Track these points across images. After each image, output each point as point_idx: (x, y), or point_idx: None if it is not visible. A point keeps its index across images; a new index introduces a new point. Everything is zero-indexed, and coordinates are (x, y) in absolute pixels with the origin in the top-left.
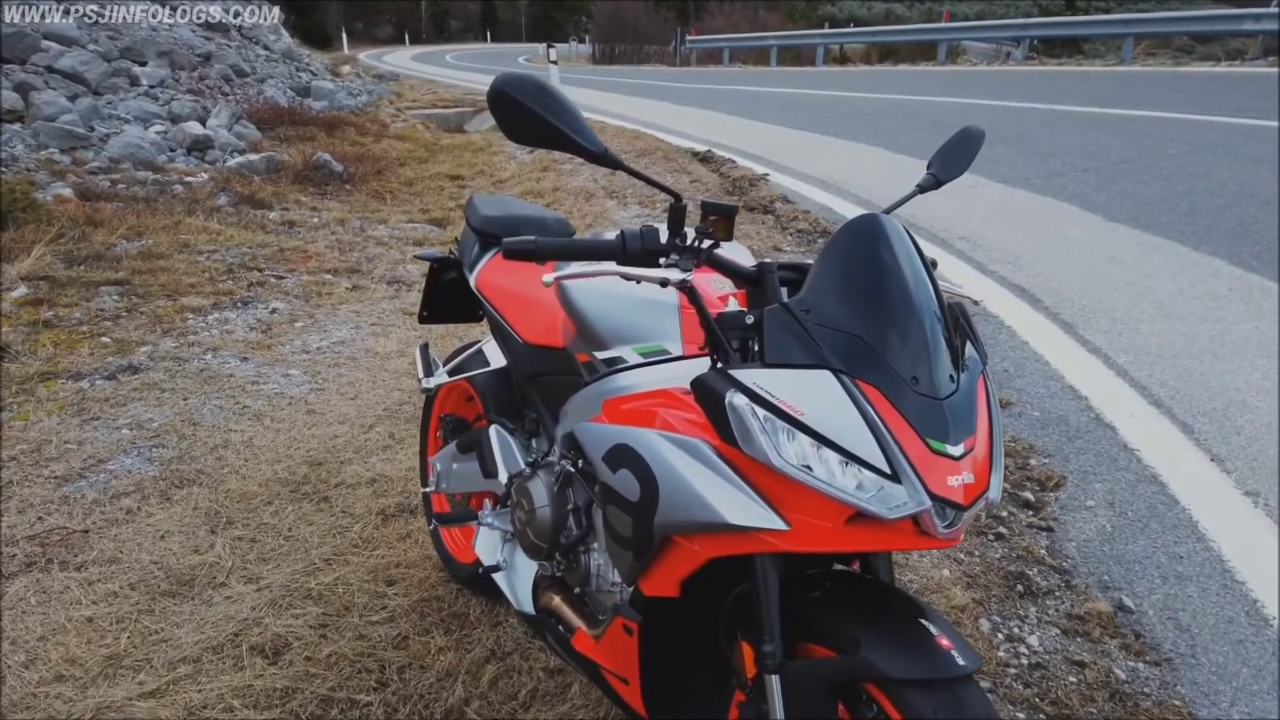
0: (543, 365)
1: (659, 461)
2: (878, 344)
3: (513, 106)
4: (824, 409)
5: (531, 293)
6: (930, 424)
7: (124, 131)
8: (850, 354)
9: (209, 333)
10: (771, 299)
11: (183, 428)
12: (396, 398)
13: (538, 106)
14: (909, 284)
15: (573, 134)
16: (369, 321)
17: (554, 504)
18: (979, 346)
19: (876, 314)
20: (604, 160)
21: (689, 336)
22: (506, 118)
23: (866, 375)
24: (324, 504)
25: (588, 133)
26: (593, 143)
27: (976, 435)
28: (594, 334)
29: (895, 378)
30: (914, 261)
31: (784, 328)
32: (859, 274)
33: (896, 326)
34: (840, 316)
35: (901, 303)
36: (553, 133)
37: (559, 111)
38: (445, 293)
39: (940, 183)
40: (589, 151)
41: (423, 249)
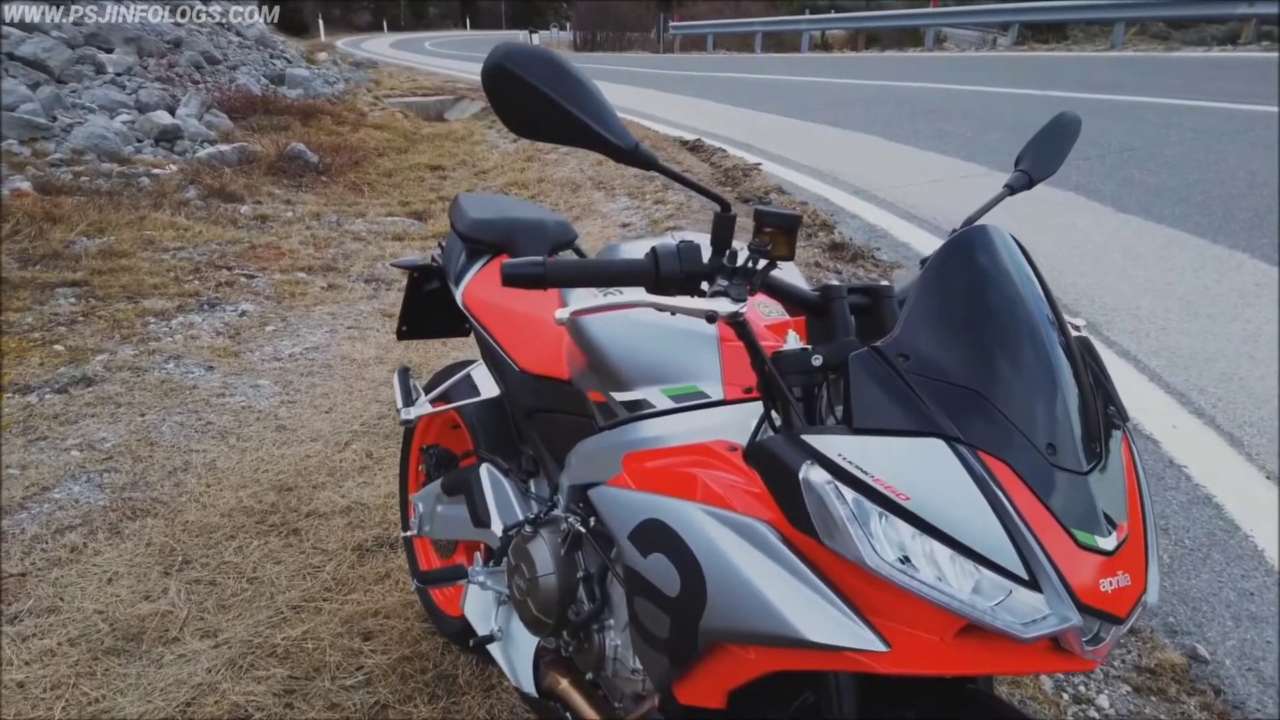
0: (543, 400)
1: (705, 548)
2: (1001, 401)
3: (515, 87)
4: (935, 490)
5: (529, 311)
6: (1075, 508)
7: (88, 121)
8: (966, 415)
9: (172, 339)
10: (838, 332)
11: (138, 448)
12: (375, 410)
13: (548, 87)
14: (1034, 318)
15: (595, 124)
16: (345, 324)
17: (560, 571)
18: (1116, 397)
19: (996, 360)
20: (634, 158)
21: (731, 376)
22: (507, 102)
23: (990, 444)
24: (293, 538)
25: (614, 123)
26: (620, 136)
27: (1128, 519)
28: (612, 372)
29: (1026, 446)
30: (1035, 287)
31: (875, 379)
32: (970, 306)
33: (1023, 376)
34: (949, 364)
35: (1028, 344)
36: (568, 122)
37: (577, 95)
38: (427, 304)
39: (1033, 181)
40: (615, 148)
41: (400, 257)
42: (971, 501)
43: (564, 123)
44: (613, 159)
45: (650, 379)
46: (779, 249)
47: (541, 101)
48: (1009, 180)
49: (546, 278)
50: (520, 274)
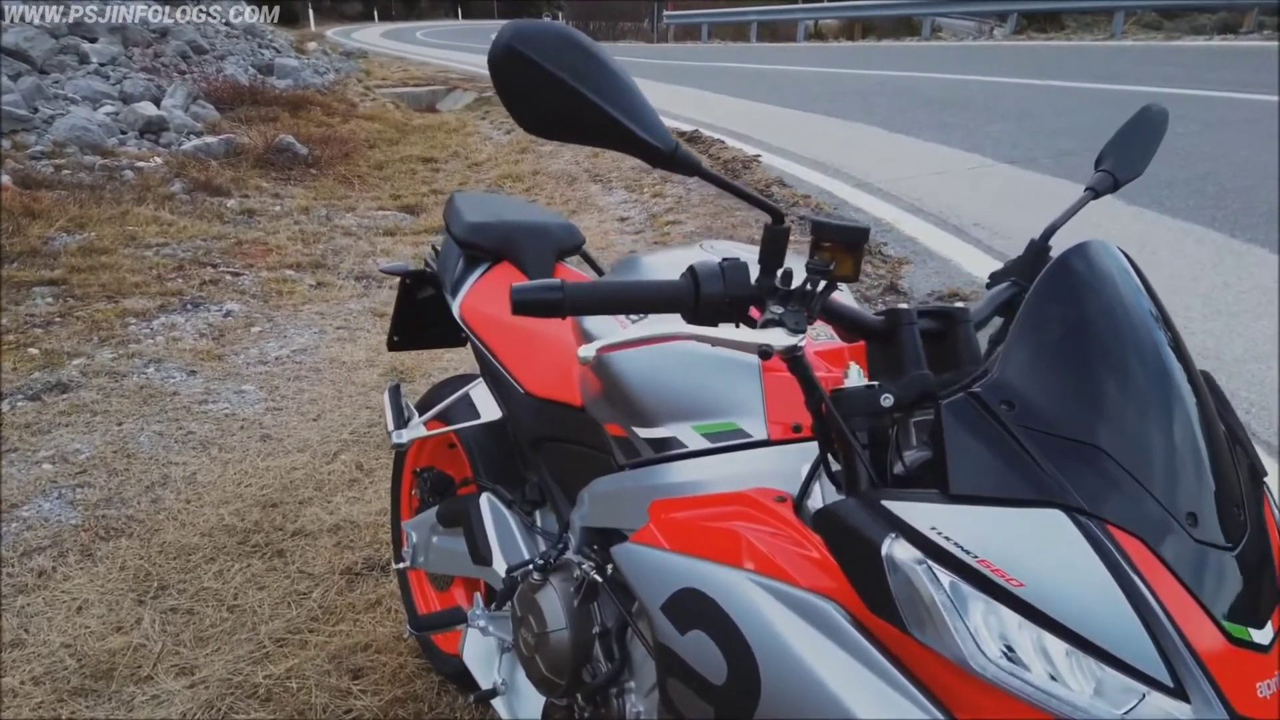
0: (552, 428)
1: (758, 629)
2: (1129, 460)
3: (529, 76)
4: (1054, 574)
5: (536, 327)
6: (1224, 593)
7: (70, 113)
8: (1087, 478)
9: (152, 340)
10: (907, 364)
11: (114, 460)
12: (365, 418)
13: (571, 76)
14: (1159, 354)
15: (628, 121)
16: (334, 325)
17: (573, 626)
18: (1250, 447)
19: (1119, 408)
20: (674, 162)
21: (776, 411)
22: (519, 94)
23: (1119, 515)
24: (278, 560)
25: (651, 121)
26: (659, 136)
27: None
28: (635, 404)
29: (1162, 517)
30: (1155, 316)
31: (975, 432)
32: (1084, 341)
33: (1153, 428)
34: (1062, 413)
35: (1155, 386)
36: (594, 119)
37: (606, 85)
38: (420, 312)
39: (1119, 183)
40: (652, 150)
41: (391, 260)
42: (1099, 587)
43: (589, 119)
44: (648, 163)
45: (680, 414)
46: (842, 268)
47: (562, 93)
48: (1091, 183)
49: (565, 304)
50: (534, 301)
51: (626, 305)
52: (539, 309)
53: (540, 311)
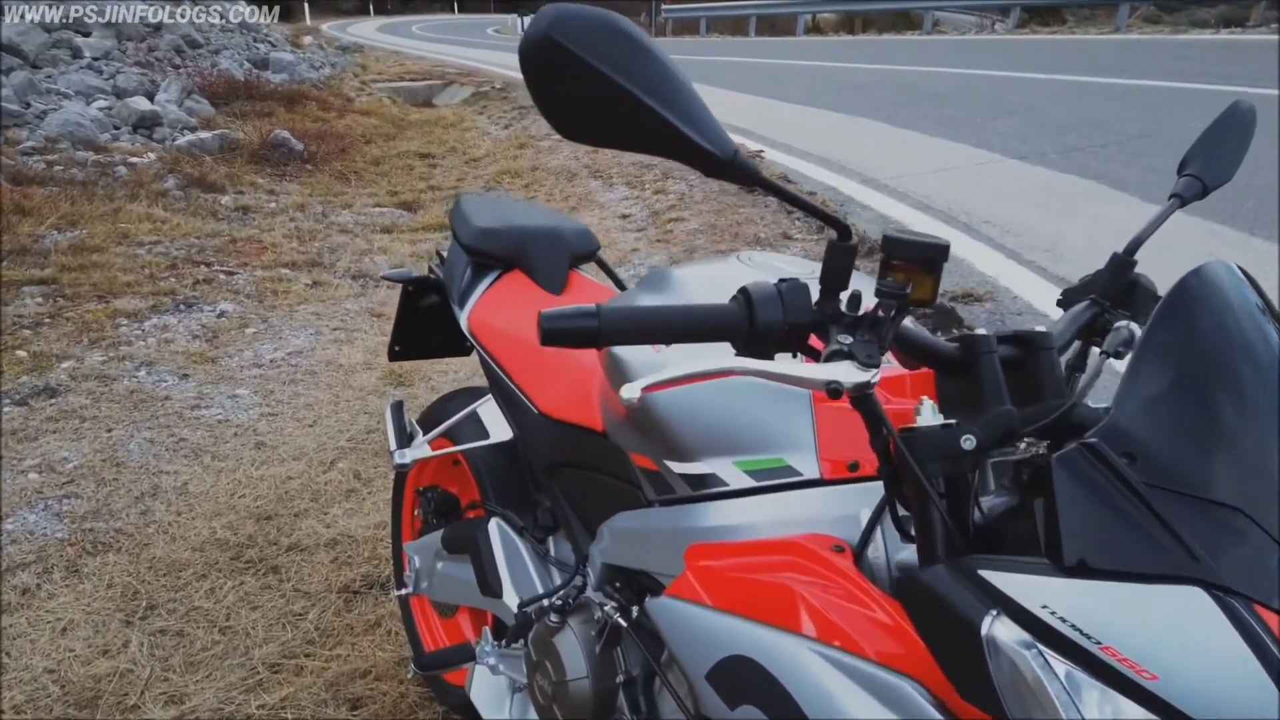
0: (569, 453)
1: (823, 710)
2: (1275, 525)
3: (569, 71)
4: (1193, 663)
5: None
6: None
7: (63, 108)
8: (1228, 548)
9: (144, 342)
10: (987, 398)
11: (103, 469)
12: (363, 423)
13: (618, 71)
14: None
15: (683, 125)
16: (331, 325)
17: (595, 675)
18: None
19: (1263, 462)
20: (731, 171)
21: (829, 445)
22: (555, 92)
23: (1269, 593)
24: (272, 577)
25: (709, 124)
26: (716, 141)
27: None
28: (668, 435)
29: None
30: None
31: (1092, 491)
32: (1215, 381)
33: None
34: (1194, 468)
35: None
36: (645, 122)
37: (658, 82)
38: (423, 320)
39: (1207, 189)
40: (709, 158)
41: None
42: (1248, 681)
43: (638, 121)
44: (703, 172)
45: (719, 447)
46: (919, 290)
47: (606, 91)
48: (1177, 188)
49: (603, 333)
50: (567, 330)
51: (670, 333)
52: (572, 338)
53: (574, 341)
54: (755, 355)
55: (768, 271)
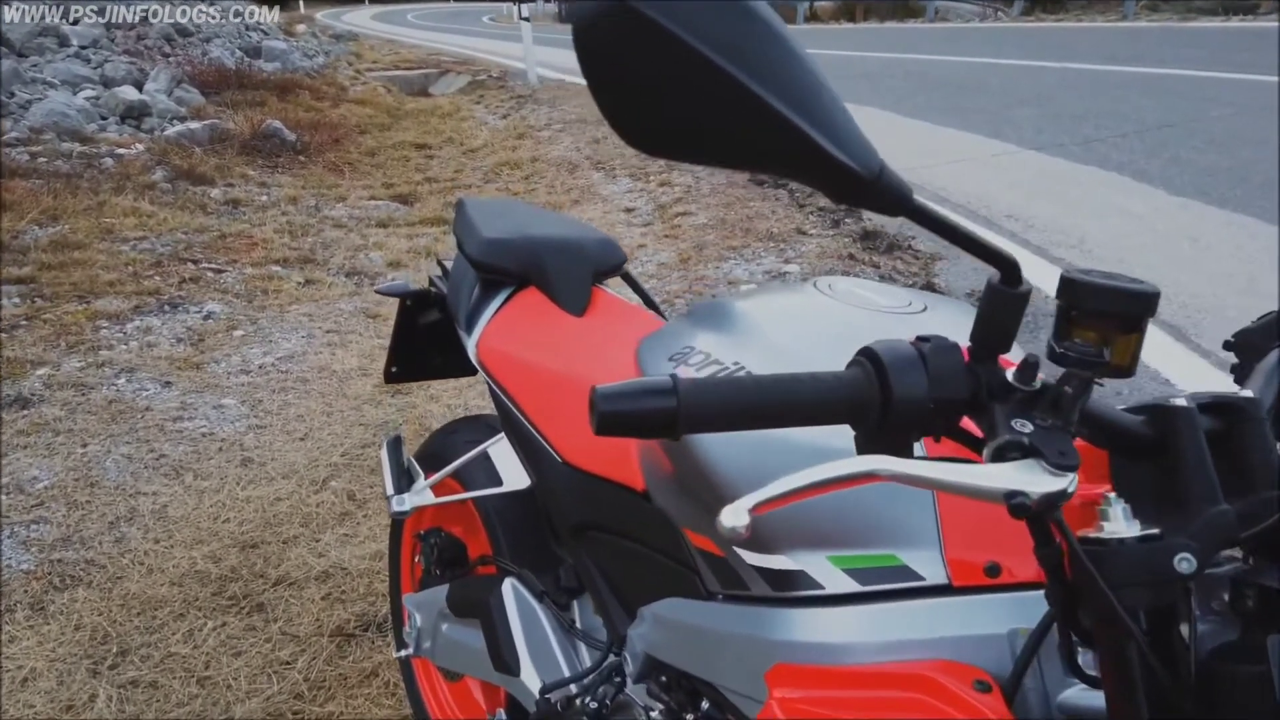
0: (600, 514)
1: None
2: None
3: (656, 56)
4: None
5: (578, 374)
6: None
7: (48, 97)
8: None
9: (125, 346)
10: (1192, 491)
11: (76, 491)
12: (357, 436)
13: (730, 58)
14: None
15: (816, 133)
16: (324, 327)
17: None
18: None
19: None
20: (873, 193)
21: (957, 542)
22: (631, 91)
23: None
24: (257, 617)
25: (850, 132)
26: (859, 155)
27: None
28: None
29: None
30: None
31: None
32: None
33: None
34: None
35: None
36: (765, 129)
37: (787, 76)
38: (423, 338)
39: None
40: (848, 176)
41: (385, 281)
42: None
43: (752, 129)
44: (833, 197)
45: (809, 537)
46: (1119, 355)
47: (709, 84)
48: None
49: (683, 419)
50: (634, 415)
51: (773, 414)
52: (641, 426)
53: (643, 429)
54: (887, 444)
55: (856, 303)
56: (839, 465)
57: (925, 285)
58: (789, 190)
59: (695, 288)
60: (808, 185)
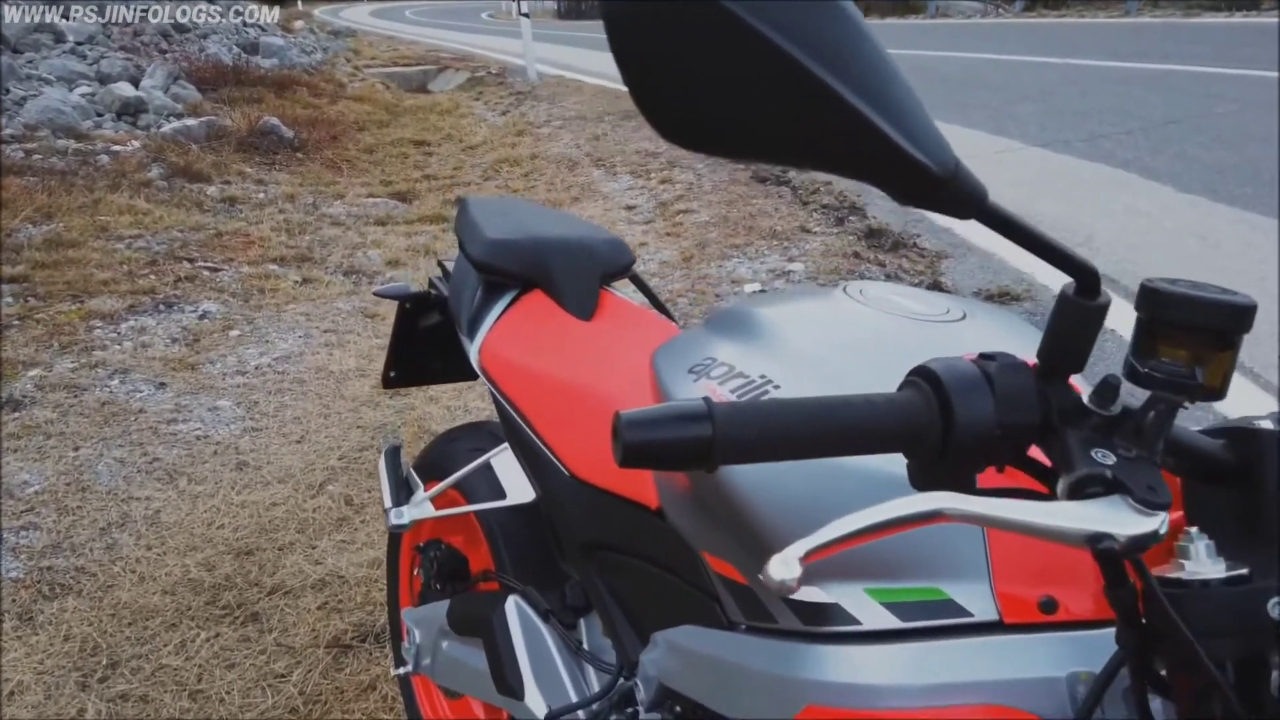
0: (611, 532)
1: None
2: None
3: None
4: None
5: (588, 383)
6: None
7: (44, 93)
8: None
9: (119, 347)
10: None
11: (67, 495)
12: (355, 439)
13: (793, 40)
14: None
15: (887, 126)
16: (321, 327)
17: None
18: None
19: None
20: (945, 194)
21: (1008, 575)
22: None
23: None
24: (252, 627)
25: (926, 127)
26: (934, 151)
27: None
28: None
29: None
30: None
31: None
32: None
33: None
34: None
35: None
36: (828, 121)
37: (858, 63)
38: (422, 341)
39: None
40: (920, 175)
41: (384, 283)
42: None
43: (814, 121)
44: (900, 198)
45: (845, 567)
46: (1211, 376)
47: (769, 71)
48: None
49: (719, 448)
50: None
51: (821, 442)
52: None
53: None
54: (946, 475)
55: (890, 310)
56: (901, 505)
57: (932, 284)
58: (792, 187)
59: (698, 286)
60: (871, 184)
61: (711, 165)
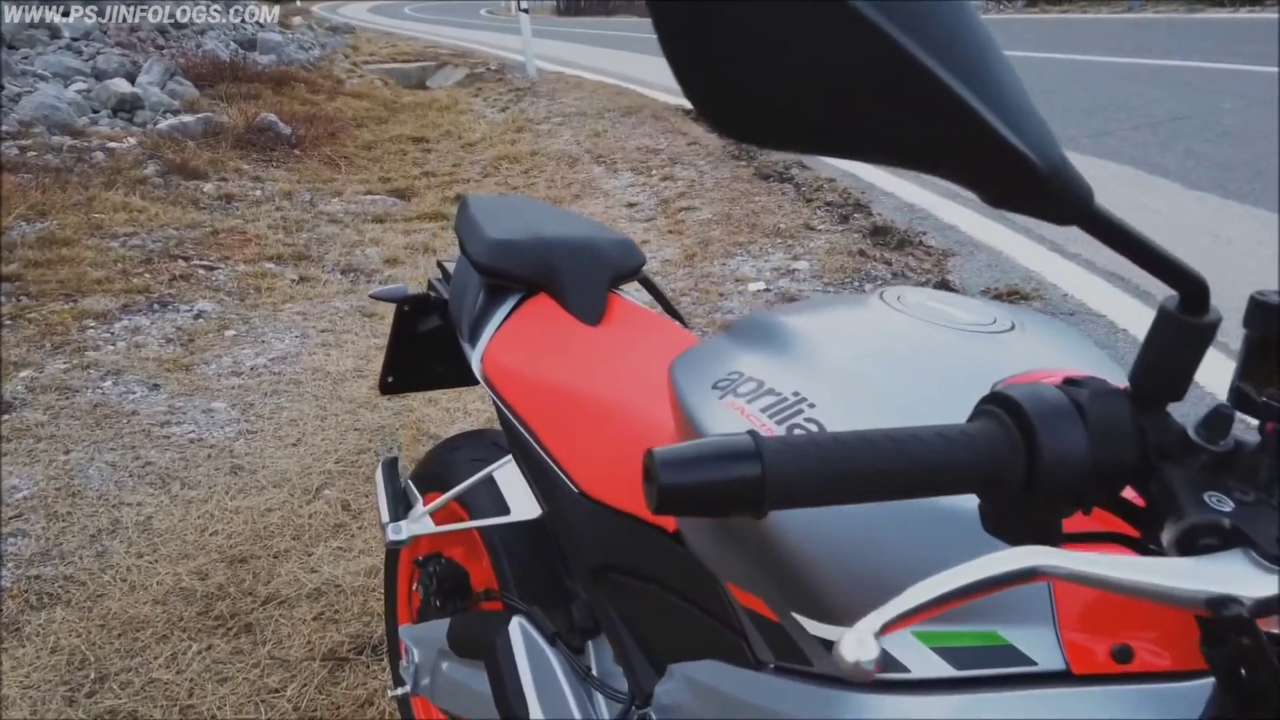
0: (623, 554)
1: None
2: None
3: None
4: None
5: (598, 393)
6: None
7: (39, 90)
8: None
9: (112, 347)
10: None
11: (56, 501)
12: (352, 442)
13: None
14: None
15: (997, 120)
16: (318, 327)
17: None
18: None
19: None
20: (1047, 192)
21: (1075, 619)
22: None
23: None
24: (245, 639)
25: (1031, 116)
26: (1037, 143)
27: None
28: (804, 579)
29: None
30: None
31: None
32: None
33: None
34: None
35: None
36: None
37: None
38: (421, 346)
39: None
40: (1021, 169)
41: (381, 285)
42: None
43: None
44: (996, 197)
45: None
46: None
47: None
48: None
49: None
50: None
51: (884, 484)
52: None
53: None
54: (1026, 519)
55: (932, 319)
56: (990, 563)
57: (940, 283)
58: (795, 184)
59: (701, 285)
60: (960, 181)
61: (713, 162)
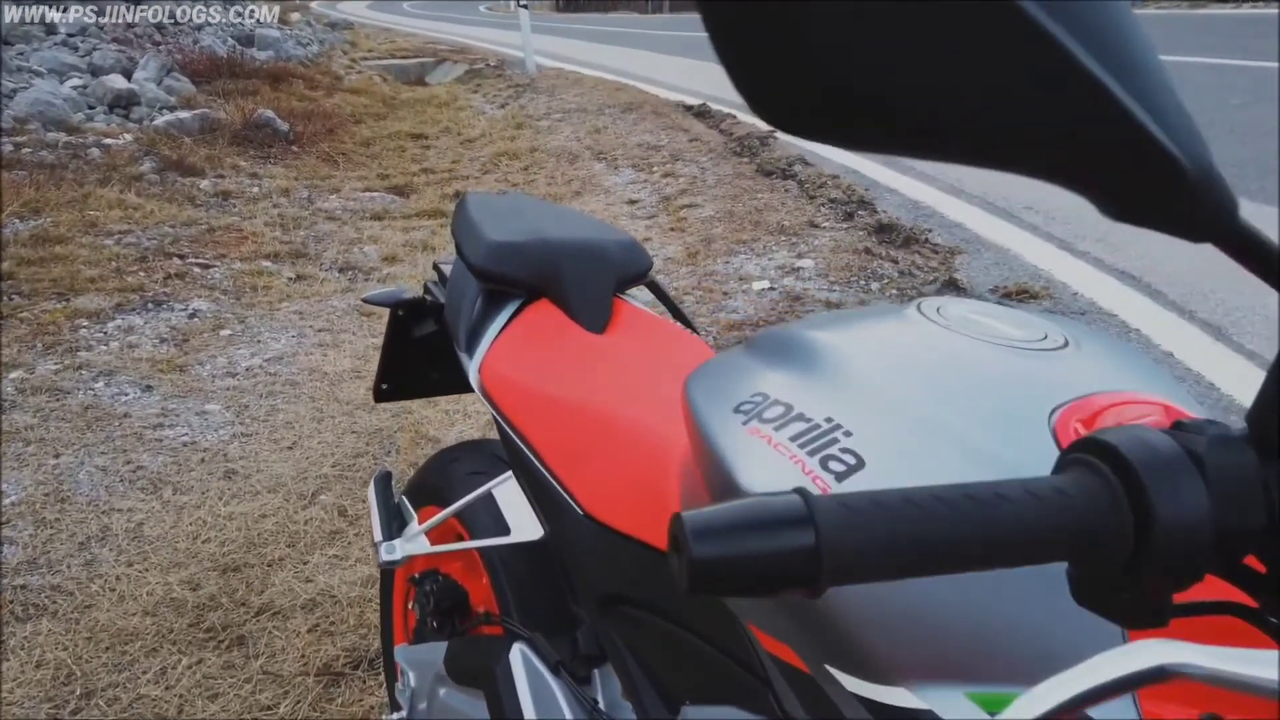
0: (632, 585)
1: None
2: None
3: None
4: None
5: (601, 405)
6: None
7: (34, 86)
8: None
9: (105, 347)
10: None
11: (45, 507)
12: (349, 445)
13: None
14: None
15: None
16: (315, 326)
17: None
18: None
19: None
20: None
21: (1153, 693)
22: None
23: None
24: (237, 652)
25: (1178, 112)
26: (1185, 141)
27: None
28: (849, 639)
29: None
30: None
31: None
32: None
33: None
34: None
35: None
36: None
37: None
38: (416, 352)
39: None
40: (1164, 168)
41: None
42: None
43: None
44: (1124, 208)
45: (942, 666)
46: None
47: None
48: None
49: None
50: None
51: (959, 553)
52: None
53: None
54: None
55: (978, 333)
56: (1111, 662)
57: (947, 282)
58: (798, 181)
59: (704, 284)
60: (1076, 189)
61: (715, 158)
